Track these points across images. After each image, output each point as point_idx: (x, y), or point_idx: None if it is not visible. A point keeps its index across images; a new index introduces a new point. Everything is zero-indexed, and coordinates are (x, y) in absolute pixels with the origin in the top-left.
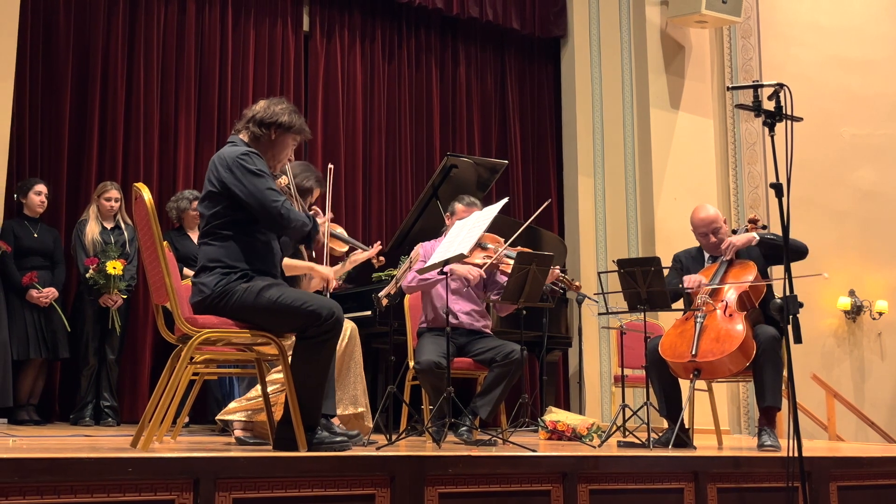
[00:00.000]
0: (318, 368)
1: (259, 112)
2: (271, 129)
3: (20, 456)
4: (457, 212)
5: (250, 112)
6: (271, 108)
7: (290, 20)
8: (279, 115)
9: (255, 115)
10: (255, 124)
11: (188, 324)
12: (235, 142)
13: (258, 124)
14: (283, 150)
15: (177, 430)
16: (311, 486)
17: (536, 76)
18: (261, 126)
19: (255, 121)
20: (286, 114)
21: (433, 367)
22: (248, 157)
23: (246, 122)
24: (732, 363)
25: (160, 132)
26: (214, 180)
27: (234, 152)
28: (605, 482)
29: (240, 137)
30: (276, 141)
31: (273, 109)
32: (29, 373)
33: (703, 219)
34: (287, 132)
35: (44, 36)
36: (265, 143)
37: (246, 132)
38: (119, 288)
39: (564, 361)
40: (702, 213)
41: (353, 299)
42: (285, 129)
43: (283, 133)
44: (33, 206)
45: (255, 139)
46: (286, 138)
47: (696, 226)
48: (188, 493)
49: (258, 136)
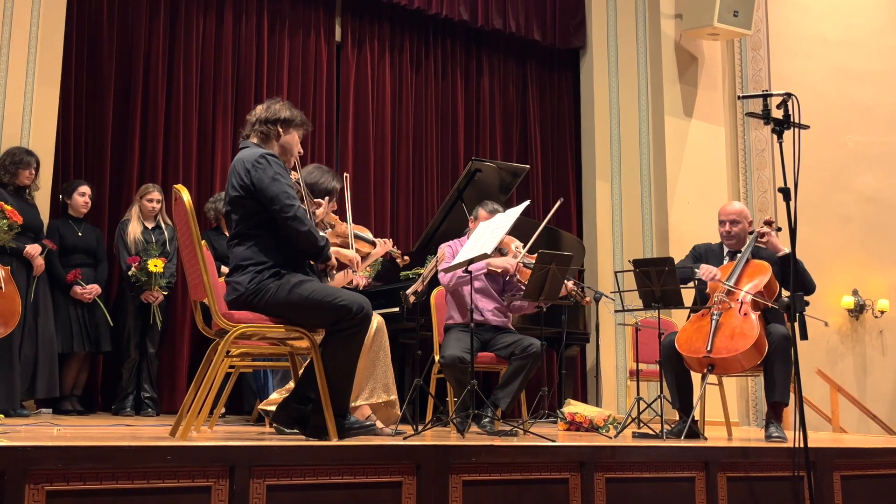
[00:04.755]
0: (347, 360)
1: (262, 113)
2: (277, 125)
3: (65, 444)
4: (480, 217)
5: (253, 116)
6: (272, 108)
7: (323, 31)
8: (280, 111)
9: (259, 118)
10: (262, 124)
11: (225, 319)
12: (249, 146)
13: (264, 123)
14: (291, 144)
15: (213, 420)
16: (341, 474)
17: (556, 85)
18: (267, 125)
19: (261, 121)
20: (286, 109)
21: (457, 361)
22: (265, 160)
23: (252, 126)
24: (746, 360)
25: (198, 137)
26: (236, 184)
27: (251, 156)
28: (620, 471)
29: (251, 141)
30: (284, 136)
31: (273, 108)
32: (73, 365)
33: (727, 208)
34: (291, 125)
35: (88, 46)
36: (275, 138)
37: (255, 135)
38: (160, 285)
39: (582, 356)
40: (728, 205)
41: (381, 296)
42: (289, 123)
43: (288, 127)
44: (78, 206)
45: (266, 137)
46: (291, 131)
47: (720, 213)
48: (224, 480)
49: (267, 133)
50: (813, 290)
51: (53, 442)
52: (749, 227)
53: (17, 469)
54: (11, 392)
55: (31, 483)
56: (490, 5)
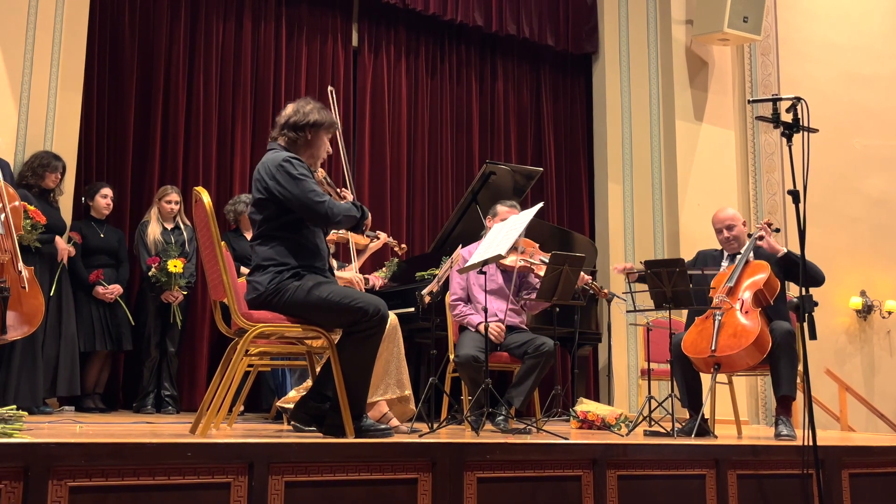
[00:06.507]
0: (364, 360)
1: (291, 116)
2: (306, 129)
3: (87, 441)
4: (498, 213)
5: (282, 118)
6: (301, 110)
7: (341, 36)
8: (310, 114)
9: (288, 121)
10: (290, 129)
11: (244, 319)
12: (275, 148)
13: (293, 128)
14: (319, 147)
15: (233, 418)
16: (357, 471)
17: (569, 90)
18: (295, 129)
19: (290, 125)
20: (315, 112)
21: (471, 360)
22: (289, 163)
23: (281, 129)
24: (749, 356)
25: (218, 140)
26: (261, 187)
27: (275, 159)
28: (632, 468)
29: (278, 143)
30: (312, 140)
31: (303, 111)
32: (95, 364)
33: (719, 216)
34: (320, 129)
35: (111, 51)
36: (302, 145)
37: (283, 138)
38: (179, 285)
39: (594, 356)
40: (721, 212)
41: (397, 297)
42: (318, 127)
43: (317, 131)
44: (100, 208)
45: (293, 143)
46: (320, 135)
47: (714, 222)
48: (243, 477)
49: (295, 139)
50: (822, 282)
51: (76, 439)
52: (745, 228)
53: (40, 465)
54: (34, 390)
55: (55, 479)
56: (504, 11)
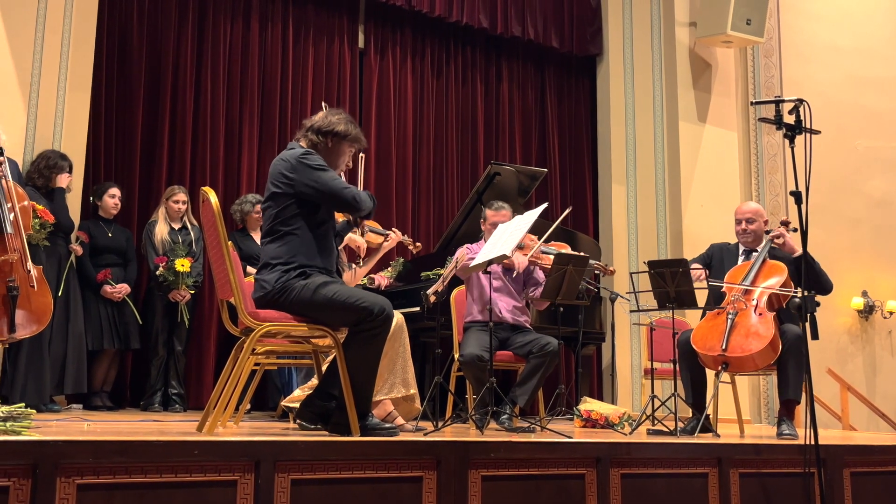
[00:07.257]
0: (369, 359)
1: (318, 121)
2: (328, 137)
3: (95, 438)
4: (488, 217)
5: (310, 121)
6: (329, 118)
7: (347, 38)
8: (335, 124)
9: (313, 125)
10: (314, 132)
11: (251, 318)
12: (294, 146)
13: (316, 132)
14: (339, 157)
15: (239, 416)
16: (363, 469)
17: (574, 91)
18: (318, 134)
19: (314, 129)
20: (342, 123)
21: (476, 359)
22: (308, 156)
23: (305, 131)
24: (760, 359)
25: (225, 140)
26: (279, 182)
27: (294, 154)
28: (635, 467)
29: (299, 144)
30: (333, 149)
31: (330, 119)
32: (102, 362)
33: (743, 207)
34: (343, 140)
35: (119, 52)
36: (322, 151)
37: (305, 140)
38: (187, 284)
39: (598, 355)
40: (744, 205)
41: (402, 296)
42: (341, 138)
43: (339, 141)
44: (108, 207)
45: (313, 146)
46: (342, 146)
47: (736, 213)
48: (249, 475)
49: (315, 143)
50: (829, 290)
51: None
52: (765, 226)
53: (48, 463)
54: (41, 388)
55: (62, 476)
56: (509, 13)
